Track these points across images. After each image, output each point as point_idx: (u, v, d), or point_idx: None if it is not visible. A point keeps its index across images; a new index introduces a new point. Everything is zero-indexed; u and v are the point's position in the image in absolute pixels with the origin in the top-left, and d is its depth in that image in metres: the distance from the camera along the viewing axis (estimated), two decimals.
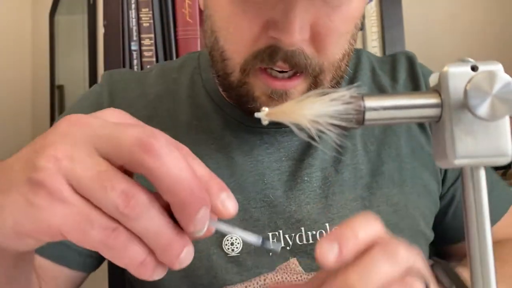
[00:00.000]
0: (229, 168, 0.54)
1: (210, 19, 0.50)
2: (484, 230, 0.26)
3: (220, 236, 0.51)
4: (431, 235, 0.58)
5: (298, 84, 0.47)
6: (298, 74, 0.47)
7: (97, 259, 0.56)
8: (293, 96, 0.48)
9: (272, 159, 0.54)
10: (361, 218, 0.32)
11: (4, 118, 1.96)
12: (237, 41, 0.47)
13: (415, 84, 0.61)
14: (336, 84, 0.51)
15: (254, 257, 0.52)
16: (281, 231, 0.52)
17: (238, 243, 0.52)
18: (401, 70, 0.61)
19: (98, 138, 0.27)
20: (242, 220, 0.52)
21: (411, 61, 0.63)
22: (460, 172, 0.60)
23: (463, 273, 0.38)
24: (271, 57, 0.45)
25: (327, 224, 0.53)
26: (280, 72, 0.47)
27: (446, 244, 0.63)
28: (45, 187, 0.26)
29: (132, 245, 0.26)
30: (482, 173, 0.26)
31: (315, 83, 0.48)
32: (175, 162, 0.26)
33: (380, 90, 0.60)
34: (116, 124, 0.27)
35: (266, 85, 0.47)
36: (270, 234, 0.52)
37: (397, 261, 0.30)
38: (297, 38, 0.43)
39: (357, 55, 0.63)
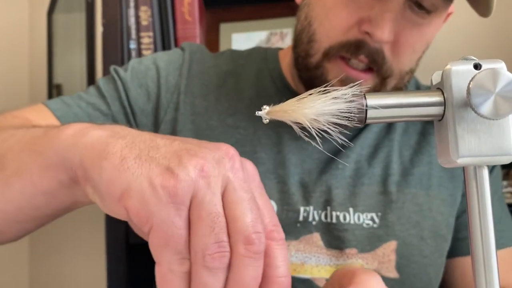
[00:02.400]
0: (278, 146, 0.60)
1: (308, 7, 0.57)
2: (487, 230, 0.26)
3: None
4: (450, 242, 0.61)
5: (369, 78, 0.54)
6: (371, 70, 0.53)
7: None
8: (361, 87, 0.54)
9: (315, 150, 0.59)
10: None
11: None
12: (332, 27, 0.53)
13: None
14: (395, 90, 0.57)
15: (282, 223, 0.56)
16: (311, 207, 0.58)
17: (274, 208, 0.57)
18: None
19: (232, 191, 0.28)
20: (280, 191, 0.58)
21: None
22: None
23: None
24: (358, 49, 0.52)
25: (351, 209, 0.58)
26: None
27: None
28: (173, 187, 0.26)
29: (179, 283, 0.26)
30: (485, 172, 0.26)
31: (380, 84, 0.54)
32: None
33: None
34: (251, 199, 0.28)
35: (341, 70, 0.53)
36: (301, 208, 0.58)
37: None
38: (386, 36, 0.50)
39: (415, 80, 0.69)
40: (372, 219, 0.58)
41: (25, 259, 1.46)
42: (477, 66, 0.26)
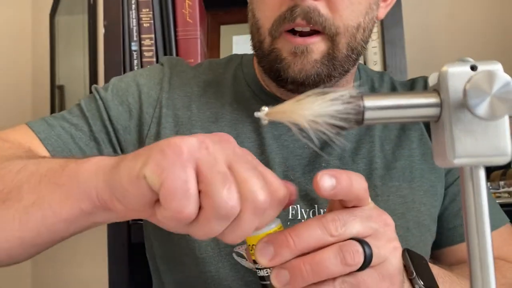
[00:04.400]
0: (261, 147, 0.61)
1: (250, 2, 0.59)
2: (483, 229, 0.26)
3: None
4: (434, 232, 0.62)
5: (317, 42, 0.55)
6: (316, 34, 0.54)
7: None
8: (314, 53, 0.55)
9: (296, 146, 0.61)
10: (357, 175, 0.35)
11: (4, 118, 1.96)
12: (267, 7, 0.56)
13: None
14: (352, 53, 0.57)
15: None
16: (298, 206, 0.58)
17: None
18: (419, 90, 0.68)
19: (235, 159, 0.31)
20: None
21: (427, 83, 0.69)
22: (456, 177, 0.63)
23: (433, 268, 0.42)
24: (292, 14, 0.53)
25: None
26: (301, 36, 0.54)
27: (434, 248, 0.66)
28: (179, 148, 0.30)
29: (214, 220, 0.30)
30: (482, 173, 0.26)
31: (332, 46, 0.55)
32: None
33: None
34: (254, 168, 0.32)
35: (289, 43, 0.54)
36: (289, 207, 0.57)
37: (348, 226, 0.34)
38: None
39: (381, 75, 0.71)
40: None
41: (28, 260, 1.46)
42: (473, 68, 0.27)
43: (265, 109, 0.28)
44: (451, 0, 1.28)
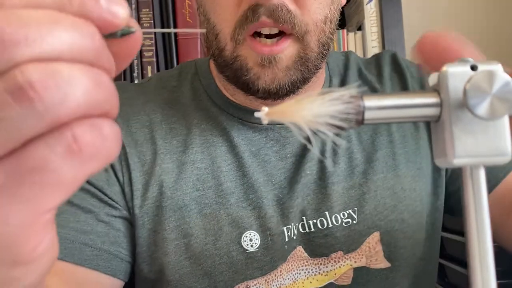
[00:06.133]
0: (241, 169, 0.57)
1: (201, 6, 0.53)
2: (483, 229, 0.26)
3: (238, 233, 0.55)
4: (432, 216, 0.60)
5: (285, 48, 0.49)
6: (285, 37, 0.49)
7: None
8: (282, 62, 0.49)
9: (278, 157, 0.58)
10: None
11: None
12: (224, 9, 0.49)
13: (399, 74, 0.65)
14: (323, 49, 0.53)
15: (271, 251, 0.55)
16: (292, 224, 0.56)
17: (256, 239, 0.55)
18: (385, 65, 0.66)
19: None
20: (258, 217, 0.56)
21: (393, 56, 0.67)
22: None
23: None
24: (254, 12, 0.47)
25: (326, 212, 0.57)
26: (268, 38, 0.49)
27: None
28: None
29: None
30: (482, 173, 0.26)
31: (303, 47, 0.50)
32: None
33: (367, 86, 0.64)
34: None
35: (255, 52, 0.49)
36: (284, 228, 0.56)
37: None
38: None
39: (346, 56, 0.67)
40: (350, 216, 0.57)
41: None
42: (473, 68, 0.27)
43: (265, 109, 0.28)
44: (451, 0, 1.28)
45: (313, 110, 0.26)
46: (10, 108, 0.18)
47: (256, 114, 0.31)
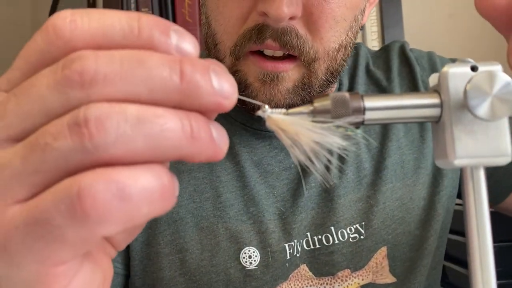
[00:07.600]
0: (241, 179, 0.53)
1: (205, 5, 0.49)
2: (484, 230, 0.26)
3: (237, 249, 0.52)
4: (443, 224, 0.57)
5: (290, 68, 0.45)
6: (291, 58, 0.45)
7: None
8: (285, 82, 0.45)
9: (281, 167, 0.54)
10: None
11: None
12: (227, 20, 0.45)
13: (409, 67, 0.61)
14: (331, 76, 0.48)
15: (271, 269, 0.52)
16: (295, 241, 0.52)
17: (255, 256, 0.52)
18: (394, 59, 0.62)
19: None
20: (259, 232, 0.52)
21: (402, 48, 0.63)
22: None
23: None
24: (260, 34, 0.42)
25: (332, 228, 0.53)
26: (272, 56, 0.44)
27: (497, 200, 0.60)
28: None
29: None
30: (482, 173, 0.26)
31: (308, 73, 0.46)
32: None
33: (374, 85, 0.61)
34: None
35: (257, 67, 0.45)
36: (286, 245, 0.52)
37: None
38: (284, 11, 0.39)
39: (356, 50, 0.62)
40: (357, 231, 0.53)
41: None
42: (474, 68, 0.27)
43: (266, 108, 0.27)
44: (451, 0, 1.28)
45: (316, 134, 0.25)
46: (64, 140, 0.18)
47: (257, 113, 0.30)
